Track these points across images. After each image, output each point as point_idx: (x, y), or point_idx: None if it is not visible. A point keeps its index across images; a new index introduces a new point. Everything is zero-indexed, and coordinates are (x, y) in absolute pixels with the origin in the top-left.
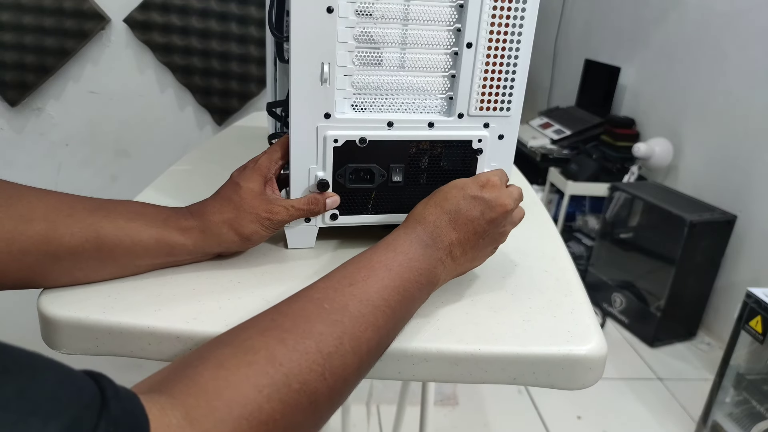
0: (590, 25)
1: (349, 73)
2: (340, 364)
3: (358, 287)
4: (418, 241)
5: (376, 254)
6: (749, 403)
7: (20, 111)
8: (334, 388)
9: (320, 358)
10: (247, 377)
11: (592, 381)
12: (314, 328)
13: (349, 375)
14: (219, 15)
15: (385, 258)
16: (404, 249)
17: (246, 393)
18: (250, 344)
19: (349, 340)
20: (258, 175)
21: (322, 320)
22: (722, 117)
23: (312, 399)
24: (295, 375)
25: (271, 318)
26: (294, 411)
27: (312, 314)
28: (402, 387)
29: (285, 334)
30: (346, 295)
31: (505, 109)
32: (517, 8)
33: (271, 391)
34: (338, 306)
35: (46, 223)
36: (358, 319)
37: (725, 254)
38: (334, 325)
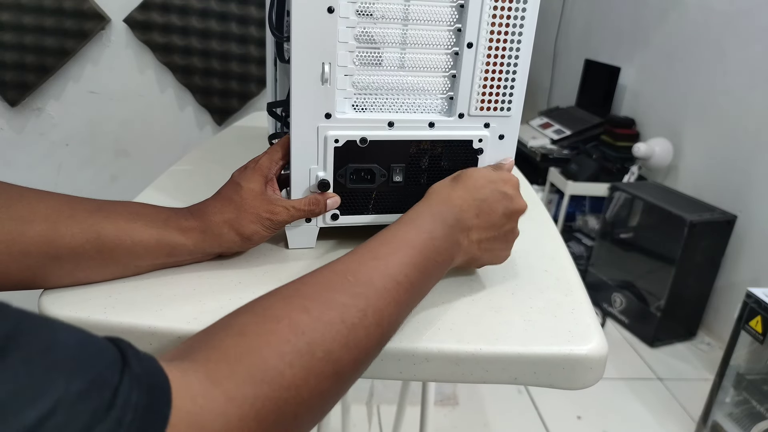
0: (590, 25)
1: (349, 73)
2: (363, 335)
3: (381, 262)
4: (442, 221)
5: (400, 230)
6: (749, 403)
7: (20, 111)
8: (357, 359)
9: (344, 329)
10: (269, 344)
11: (592, 381)
12: (338, 299)
13: (371, 347)
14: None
15: (409, 235)
16: (428, 227)
17: (267, 359)
18: (272, 313)
19: (372, 313)
20: (259, 175)
21: (346, 291)
22: (722, 117)
23: (336, 368)
24: (318, 344)
25: (295, 288)
26: (318, 379)
27: (336, 285)
28: (402, 387)
29: (308, 302)
30: (371, 269)
31: (505, 109)
32: (517, 8)
33: (294, 358)
34: (363, 279)
35: (46, 224)
36: (382, 293)
37: (725, 254)
38: (358, 297)
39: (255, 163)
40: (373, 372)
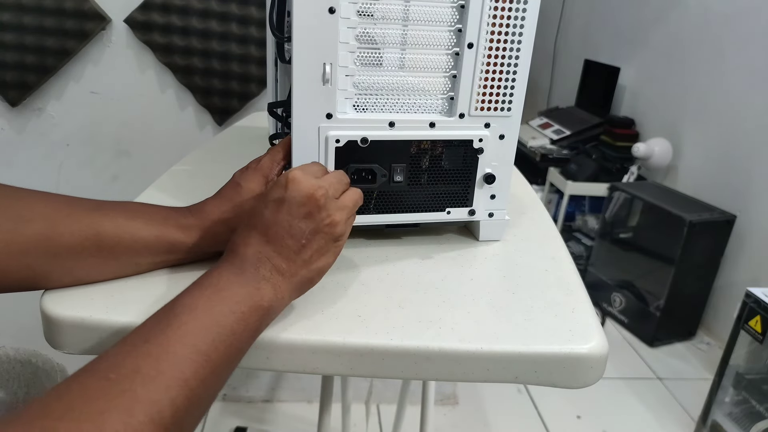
0: (590, 25)
1: (350, 73)
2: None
3: (154, 342)
4: (230, 268)
5: (179, 298)
6: (749, 403)
7: (21, 111)
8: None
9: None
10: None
11: (593, 379)
12: (93, 407)
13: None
14: (219, 15)
15: (190, 299)
16: (211, 282)
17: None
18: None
19: (143, 408)
20: (260, 175)
21: (105, 395)
22: (722, 117)
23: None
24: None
25: (42, 406)
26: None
27: (93, 391)
28: (402, 386)
29: (56, 423)
30: (139, 356)
31: (505, 109)
32: (517, 9)
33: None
34: (127, 371)
35: (45, 222)
36: (156, 379)
37: (725, 254)
38: (121, 396)
39: (256, 163)
40: (374, 371)
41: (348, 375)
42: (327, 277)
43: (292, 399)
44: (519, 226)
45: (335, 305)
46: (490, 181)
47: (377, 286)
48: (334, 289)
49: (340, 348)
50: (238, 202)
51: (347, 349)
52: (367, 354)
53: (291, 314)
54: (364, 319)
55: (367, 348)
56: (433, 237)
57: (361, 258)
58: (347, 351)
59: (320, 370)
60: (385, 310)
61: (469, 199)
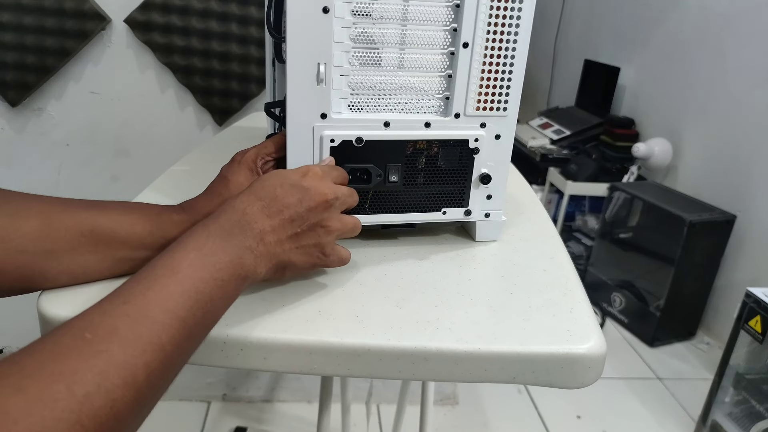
0: (590, 25)
1: (345, 73)
2: (104, 403)
3: (133, 303)
4: (218, 232)
5: (161, 258)
6: (749, 403)
7: (21, 111)
8: (101, 431)
9: (73, 403)
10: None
11: (591, 380)
12: (67, 366)
13: (121, 410)
14: (219, 15)
15: (172, 260)
16: (197, 244)
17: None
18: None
19: (117, 371)
20: (245, 168)
21: (80, 354)
22: (722, 117)
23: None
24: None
25: (13, 362)
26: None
27: (67, 349)
28: (402, 386)
29: (26, 380)
30: (117, 316)
31: (501, 109)
32: (513, 8)
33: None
34: (104, 332)
35: (40, 219)
36: (132, 342)
37: (725, 254)
38: (96, 356)
39: (242, 156)
40: (372, 372)
41: (346, 375)
42: (325, 277)
43: (291, 399)
44: (517, 225)
45: (332, 306)
46: (486, 182)
47: (375, 286)
48: (332, 290)
49: (338, 348)
50: (227, 196)
51: (344, 350)
52: (364, 354)
53: (289, 315)
54: (361, 320)
55: (365, 348)
56: (431, 237)
57: (358, 258)
58: (344, 351)
59: (318, 370)
60: (383, 311)
61: (465, 199)
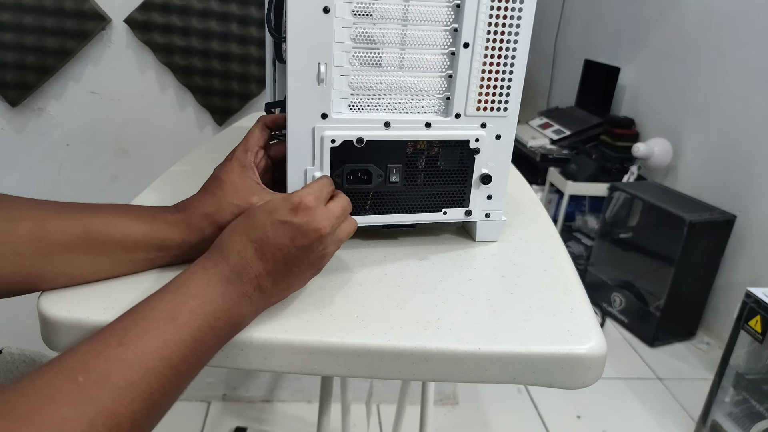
0: (590, 25)
1: (345, 73)
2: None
3: (129, 347)
4: (218, 278)
5: (161, 301)
6: (749, 403)
7: (21, 111)
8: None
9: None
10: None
11: (591, 380)
12: (57, 412)
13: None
14: (219, 15)
15: (172, 305)
16: (198, 291)
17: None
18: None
19: (104, 419)
20: (237, 166)
21: (71, 399)
22: (722, 117)
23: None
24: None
25: (4, 401)
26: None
27: (59, 392)
28: (402, 386)
29: (16, 425)
30: (111, 361)
31: (502, 109)
32: (514, 8)
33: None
34: (97, 377)
35: (34, 221)
36: (123, 390)
37: (724, 254)
38: (87, 403)
39: (232, 154)
40: (372, 372)
41: (346, 376)
42: (325, 278)
43: (291, 399)
44: (517, 226)
45: (333, 306)
46: (486, 182)
47: (375, 286)
48: (332, 290)
49: (338, 349)
50: (219, 195)
51: (345, 350)
52: (364, 355)
53: (289, 315)
54: (361, 320)
55: (365, 349)
56: (431, 237)
57: (358, 258)
58: (345, 352)
59: (318, 370)
60: (383, 311)
61: (465, 199)
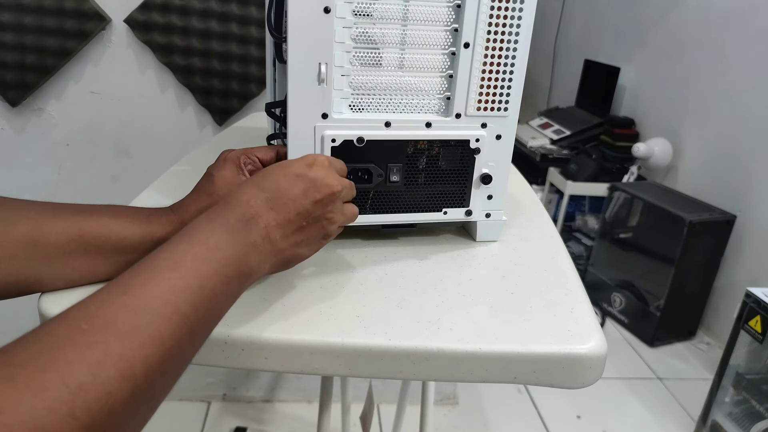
0: (590, 25)
1: (346, 73)
2: (99, 395)
3: (132, 295)
4: (224, 226)
5: (164, 251)
6: (749, 403)
7: (21, 111)
8: (95, 425)
9: (66, 393)
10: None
11: (592, 380)
12: (60, 357)
13: (117, 404)
14: (219, 15)
15: (175, 253)
16: (202, 238)
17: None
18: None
19: (114, 362)
20: (232, 165)
21: (75, 345)
22: (722, 117)
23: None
24: (24, 422)
25: (4, 351)
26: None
27: (61, 339)
28: (402, 386)
29: (16, 370)
30: (115, 307)
31: (502, 109)
32: (514, 8)
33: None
34: (101, 323)
35: (30, 224)
36: (130, 334)
37: (724, 254)
38: (92, 347)
39: (227, 154)
40: (373, 371)
41: (346, 375)
42: (325, 278)
43: (291, 399)
44: (518, 226)
45: (333, 306)
46: (486, 182)
47: (375, 286)
48: (333, 290)
49: (339, 348)
50: (212, 192)
51: (345, 350)
52: (365, 354)
53: (289, 315)
54: (362, 320)
55: (366, 348)
56: (431, 237)
57: (359, 258)
58: (345, 351)
59: (319, 370)
60: (384, 311)
61: (465, 199)
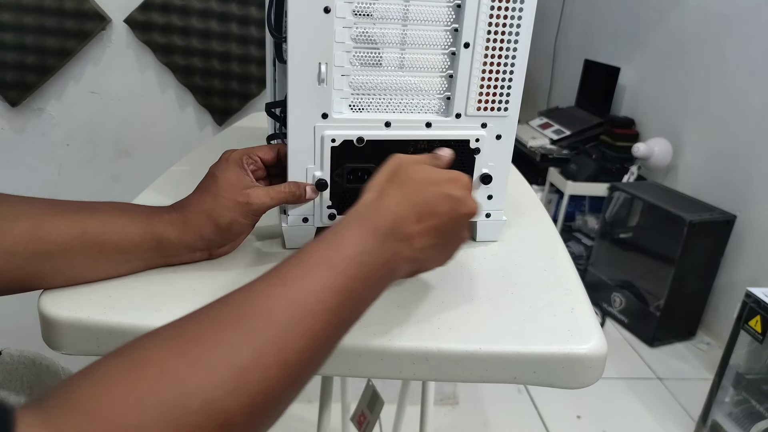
0: (590, 25)
1: (346, 73)
2: (259, 378)
3: (289, 287)
4: (374, 231)
5: (317, 248)
6: (749, 403)
7: (21, 111)
8: (254, 405)
9: (231, 372)
10: (129, 395)
11: (592, 380)
12: (226, 339)
13: (274, 389)
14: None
15: (329, 252)
16: (354, 241)
17: (125, 414)
18: (142, 357)
19: (271, 350)
20: (234, 165)
21: (238, 328)
22: (722, 117)
23: (221, 420)
24: (194, 394)
25: (176, 327)
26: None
27: (227, 321)
28: (402, 386)
29: (188, 345)
30: (273, 298)
31: (502, 109)
32: (514, 8)
33: (161, 412)
34: (261, 311)
35: (31, 221)
36: (287, 325)
37: (725, 254)
38: (253, 333)
39: (229, 154)
40: (373, 372)
41: (346, 375)
42: None
43: None
44: (518, 226)
45: None
46: (486, 182)
47: None
48: None
49: (339, 348)
50: (215, 192)
51: (345, 350)
52: (365, 354)
53: None
54: (362, 320)
55: (366, 348)
56: None
57: None
58: (345, 351)
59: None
60: (384, 311)
61: None
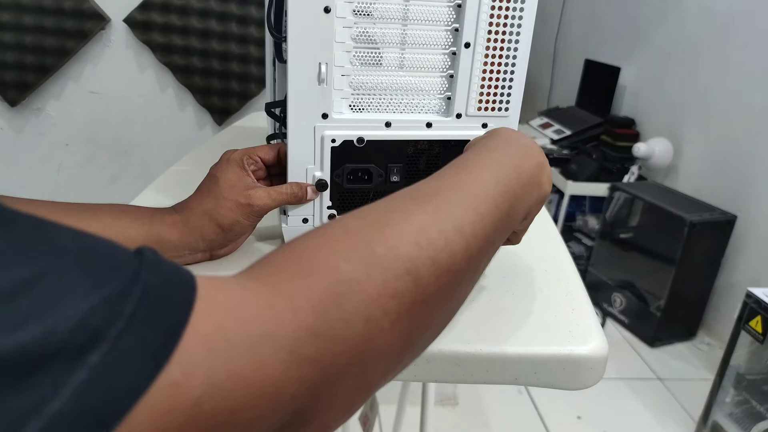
0: (590, 25)
1: (346, 73)
2: (446, 254)
3: (448, 178)
4: (511, 177)
5: (461, 159)
6: (749, 403)
7: (20, 111)
8: (479, 254)
9: (430, 239)
10: (353, 250)
11: (593, 381)
12: (414, 222)
13: (459, 267)
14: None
15: (477, 156)
16: (497, 166)
17: (354, 269)
18: (348, 226)
19: (482, 227)
20: (235, 166)
21: (415, 213)
22: (722, 117)
23: (450, 266)
24: (413, 242)
25: (376, 206)
26: (386, 275)
27: (408, 210)
28: (402, 387)
29: (392, 216)
30: (436, 186)
31: (503, 110)
32: (515, 8)
33: (348, 253)
34: (428, 196)
35: None
36: (457, 204)
37: (725, 254)
38: (436, 213)
39: (230, 154)
40: None
41: None
42: None
43: None
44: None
45: None
46: None
47: None
48: None
49: None
50: (216, 193)
51: None
52: None
53: None
54: None
55: None
56: None
57: None
58: None
59: None
60: None
61: None
